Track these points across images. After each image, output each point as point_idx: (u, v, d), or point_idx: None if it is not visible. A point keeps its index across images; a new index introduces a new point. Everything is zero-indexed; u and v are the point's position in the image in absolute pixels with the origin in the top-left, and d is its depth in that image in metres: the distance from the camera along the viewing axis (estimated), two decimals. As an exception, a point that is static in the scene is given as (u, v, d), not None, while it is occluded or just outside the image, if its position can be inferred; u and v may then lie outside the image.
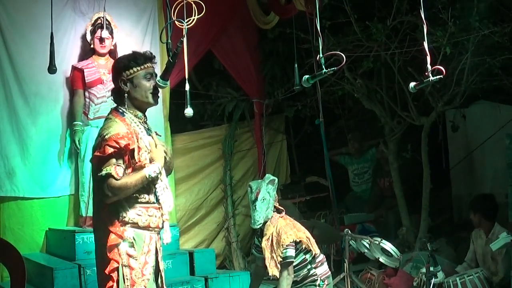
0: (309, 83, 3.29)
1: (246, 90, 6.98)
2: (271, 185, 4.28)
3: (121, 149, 2.93)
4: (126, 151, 2.95)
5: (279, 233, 4.15)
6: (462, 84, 5.85)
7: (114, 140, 2.92)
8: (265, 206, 4.21)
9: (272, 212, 4.25)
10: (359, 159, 7.42)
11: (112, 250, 2.94)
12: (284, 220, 4.26)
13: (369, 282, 5.32)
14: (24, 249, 4.93)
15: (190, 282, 4.91)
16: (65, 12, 5.38)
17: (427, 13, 3.54)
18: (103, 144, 2.94)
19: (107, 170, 2.91)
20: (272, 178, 4.32)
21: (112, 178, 2.90)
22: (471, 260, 5.29)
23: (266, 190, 4.25)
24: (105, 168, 2.92)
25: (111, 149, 2.92)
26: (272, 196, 4.25)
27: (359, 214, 6.94)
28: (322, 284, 4.24)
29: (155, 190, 3.07)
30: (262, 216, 4.21)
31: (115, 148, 2.92)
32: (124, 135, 2.95)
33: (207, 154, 6.84)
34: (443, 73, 3.29)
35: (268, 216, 4.23)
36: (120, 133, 2.95)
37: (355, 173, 7.46)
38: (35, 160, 5.16)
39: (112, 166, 2.92)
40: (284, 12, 6.26)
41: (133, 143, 2.98)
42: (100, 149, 2.96)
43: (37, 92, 5.21)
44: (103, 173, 2.91)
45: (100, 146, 2.96)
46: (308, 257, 4.24)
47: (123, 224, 2.97)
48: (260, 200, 4.22)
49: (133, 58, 3.11)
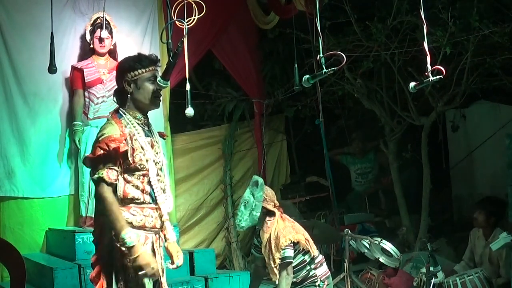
0: (309, 83, 3.29)
1: (246, 90, 6.98)
2: (255, 187, 4.18)
3: (110, 152, 2.95)
4: (116, 154, 2.96)
5: (278, 236, 4.10)
6: (462, 84, 5.85)
7: (105, 142, 2.95)
8: (248, 210, 4.15)
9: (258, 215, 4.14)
10: (362, 158, 7.43)
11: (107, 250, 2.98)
12: (283, 222, 4.19)
13: (369, 282, 5.32)
14: (24, 249, 4.93)
15: (190, 282, 4.91)
16: (65, 12, 5.38)
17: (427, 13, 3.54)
18: (96, 145, 2.98)
19: (99, 174, 2.95)
20: (255, 180, 4.22)
21: (103, 183, 2.94)
22: (469, 259, 5.28)
23: (249, 193, 4.18)
24: (98, 171, 2.95)
25: (101, 151, 2.94)
26: (257, 198, 4.16)
27: (359, 214, 6.94)
28: (322, 284, 4.21)
29: (152, 190, 3.07)
30: (244, 219, 4.15)
31: (105, 151, 2.94)
32: (116, 138, 2.97)
33: (207, 154, 6.84)
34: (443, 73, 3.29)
35: (254, 219, 4.15)
36: (113, 136, 2.97)
37: (358, 172, 7.46)
38: (34, 160, 5.17)
39: (105, 170, 2.95)
40: (284, 12, 6.26)
41: (125, 146, 2.98)
42: (92, 151, 3.00)
43: (36, 92, 5.21)
44: (95, 177, 2.96)
45: (93, 148, 3.01)
46: (307, 258, 4.22)
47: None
48: (242, 204, 4.18)
49: (139, 60, 3.12)
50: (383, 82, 6.51)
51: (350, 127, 7.55)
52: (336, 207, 6.25)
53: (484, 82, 5.99)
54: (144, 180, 3.05)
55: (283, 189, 7.30)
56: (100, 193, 2.93)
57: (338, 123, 7.68)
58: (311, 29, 5.44)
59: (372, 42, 5.97)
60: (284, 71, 7.03)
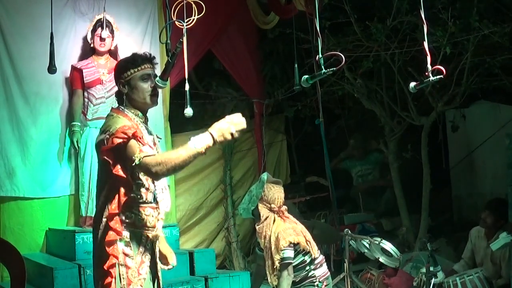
0: (308, 83, 3.29)
1: (246, 90, 6.98)
2: (258, 182, 4.27)
3: (129, 138, 2.86)
4: (135, 139, 2.87)
5: (278, 238, 4.09)
6: (462, 84, 5.85)
7: (121, 131, 2.86)
8: (247, 200, 4.23)
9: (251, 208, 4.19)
10: (362, 161, 7.43)
11: (112, 246, 2.93)
12: (284, 224, 4.17)
13: (369, 282, 5.32)
14: (24, 249, 4.93)
15: (190, 282, 4.91)
16: (65, 13, 5.38)
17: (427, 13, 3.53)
18: (111, 138, 2.87)
19: (136, 156, 2.82)
20: (261, 176, 4.27)
21: (147, 157, 2.81)
22: (469, 259, 5.28)
23: (254, 185, 4.27)
24: (134, 156, 2.82)
25: (120, 139, 2.85)
26: (255, 192, 4.19)
27: (359, 214, 6.95)
28: (320, 285, 4.19)
29: (154, 189, 3.06)
30: (243, 208, 4.24)
31: (124, 139, 2.85)
32: (130, 126, 2.92)
33: (207, 154, 6.80)
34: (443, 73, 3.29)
35: (249, 212, 4.21)
36: (127, 125, 2.92)
37: (358, 174, 7.46)
38: (35, 160, 5.17)
39: (137, 151, 2.83)
40: (284, 12, 6.26)
41: (140, 133, 2.94)
42: (107, 144, 2.89)
43: (37, 92, 5.21)
44: (136, 161, 2.82)
45: (107, 141, 2.90)
46: (307, 259, 4.20)
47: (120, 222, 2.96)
48: (247, 193, 4.27)
49: (131, 60, 3.12)
50: (383, 82, 6.51)
51: (350, 127, 7.55)
52: (336, 207, 6.25)
53: (484, 82, 5.99)
54: (149, 178, 3.01)
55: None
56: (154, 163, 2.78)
57: (338, 123, 7.69)
58: (311, 29, 5.44)
59: (372, 42, 5.97)
60: (284, 71, 7.03)
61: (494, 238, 4.99)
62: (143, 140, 2.90)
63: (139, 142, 2.86)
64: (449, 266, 5.34)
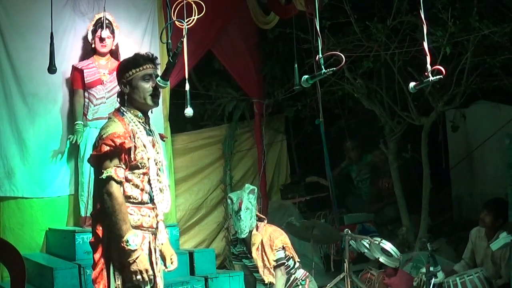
0: (308, 83, 3.29)
1: (246, 90, 6.98)
2: (251, 195, 4.41)
3: (116, 148, 2.94)
4: (122, 149, 2.96)
5: (271, 238, 4.35)
6: (462, 84, 5.85)
7: (110, 139, 2.95)
8: (249, 215, 4.35)
9: (255, 221, 4.41)
10: (359, 164, 7.44)
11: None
12: (270, 227, 4.47)
13: (369, 282, 5.31)
14: (24, 249, 4.92)
15: (190, 282, 4.90)
16: (64, 13, 5.37)
17: (427, 13, 3.53)
18: (100, 143, 2.97)
19: (107, 172, 2.93)
20: (252, 188, 4.45)
21: (113, 181, 2.92)
22: (469, 259, 5.28)
23: (248, 200, 4.38)
24: (105, 170, 2.93)
25: (107, 147, 2.94)
26: (254, 206, 4.40)
27: (359, 214, 6.94)
28: (304, 283, 4.47)
29: (151, 190, 3.07)
30: (247, 225, 4.35)
31: (111, 147, 2.94)
32: (120, 134, 2.97)
33: (207, 154, 6.84)
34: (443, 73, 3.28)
35: (252, 225, 4.38)
36: (117, 132, 2.97)
37: (357, 179, 7.47)
38: (34, 160, 5.16)
39: (112, 168, 2.94)
40: (284, 12, 6.26)
41: (130, 142, 2.99)
42: (96, 148, 3.00)
43: (36, 93, 5.20)
44: (103, 176, 2.93)
45: (97, 145, 3.00)
46: (291, 263, 4.46)
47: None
48: (244, 210, 4.34)
49: (133, 60, 3.15)
50: (383, 82, 6.51)
51: (350, 127, 7.55)
52: (336, 207, 6.25)
53: (484, 82, 5.98)
54: (144, 179, 3.06)
55: (283, 189, 7.30)
56: (110, 192, 2.91)
57: (338, 123, 7.68)
58: (311, 29, 5.45)
59: (372, 42, 5.97)
60: (284, 71, 7.03)
61: (494, 238, 4.99)
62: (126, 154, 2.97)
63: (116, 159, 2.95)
64: (449, 266, 5.34)
